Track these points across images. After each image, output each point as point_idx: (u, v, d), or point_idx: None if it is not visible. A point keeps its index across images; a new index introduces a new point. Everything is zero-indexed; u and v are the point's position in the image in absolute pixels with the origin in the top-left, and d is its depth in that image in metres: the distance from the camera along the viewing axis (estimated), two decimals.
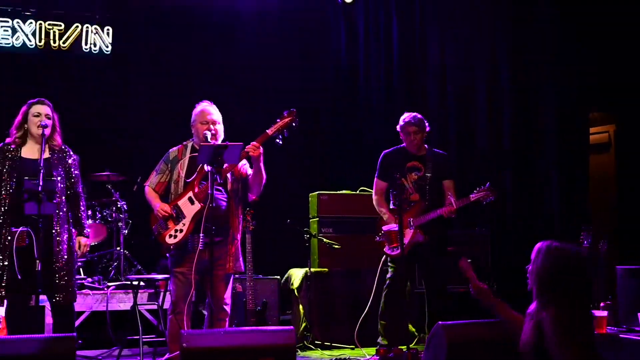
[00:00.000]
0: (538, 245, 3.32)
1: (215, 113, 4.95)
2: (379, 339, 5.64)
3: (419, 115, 5.65)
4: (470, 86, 7.20)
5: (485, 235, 6.67)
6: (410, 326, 6.15)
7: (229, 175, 4.81)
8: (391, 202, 5.64)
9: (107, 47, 8.14)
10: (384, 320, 5.62)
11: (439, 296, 5.51)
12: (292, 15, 8.50)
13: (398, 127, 5.68)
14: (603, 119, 7.27)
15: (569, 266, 3.20)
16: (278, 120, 4.79)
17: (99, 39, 8.15)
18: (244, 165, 4.90)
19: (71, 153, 5.11)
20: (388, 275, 5.65)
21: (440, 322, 4.36)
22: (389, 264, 5.67)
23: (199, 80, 7.91)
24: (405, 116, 5.66)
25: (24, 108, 5.00)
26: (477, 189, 5.44)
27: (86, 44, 8.09)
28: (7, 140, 5.00)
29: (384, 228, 5.60)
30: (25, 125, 4.96)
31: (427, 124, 5.66)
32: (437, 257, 5.51)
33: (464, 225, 6.80)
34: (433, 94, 7.63)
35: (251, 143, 4.71)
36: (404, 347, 5.03)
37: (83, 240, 5.03)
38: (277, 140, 4.79)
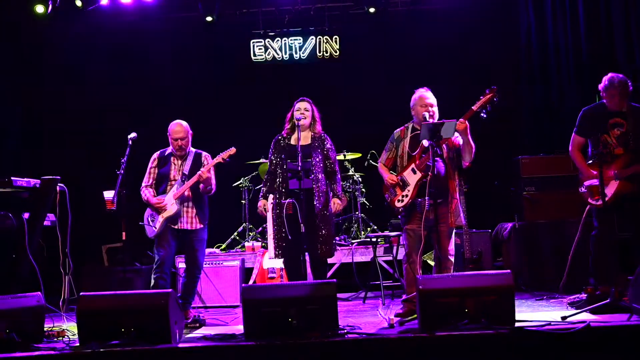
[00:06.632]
0: None
1: (430, 97, 4.98)
2: (590, 280, 5.10)
3: (622, 77, 5.01)
4: None
5: None
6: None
7: (444, 146, 4.84)
8: (590, 156, 5.11)
9: (335, 52, 8.37)
10: (595, 266, 5.04)
11: None
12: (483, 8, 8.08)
13: (601, 87, 5.07)
14: None
15: None
16: (481, 97, 4.73)
17: (329, 46, 8.36)
18: (457, 137, 4.88)
19: (328, 139, 5.39)
20: (595, 224, 5.09)
21: None
22: (594, 215, 5.10)
23: (412, 71, 7.80)
24: (609, 77, 5.02)
25: (293, 106, 5.40)
26: None
27: (319, 52, 8.36)
28: (283, 132, 5.42)
29: (586, 183, 5.05)
30: (293, 119, 5.33)
31: (630, 84, 5.02)
32: None
33: None
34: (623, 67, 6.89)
35: (458, 120, 4.69)
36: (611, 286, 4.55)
37: (337, 200, 5.32)
38: (482, 115, 4.72)
